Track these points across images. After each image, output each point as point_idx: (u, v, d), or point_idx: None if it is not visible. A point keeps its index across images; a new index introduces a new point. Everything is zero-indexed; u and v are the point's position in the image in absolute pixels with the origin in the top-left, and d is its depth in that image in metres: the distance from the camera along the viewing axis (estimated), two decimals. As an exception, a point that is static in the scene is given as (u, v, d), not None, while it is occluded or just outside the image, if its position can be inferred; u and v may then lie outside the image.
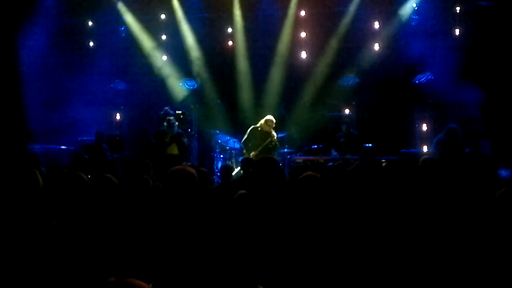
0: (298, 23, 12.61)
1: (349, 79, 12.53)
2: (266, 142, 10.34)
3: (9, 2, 11.18)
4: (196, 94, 13.11)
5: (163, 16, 12.91)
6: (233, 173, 9.72)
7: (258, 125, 10.55)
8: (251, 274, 3.43)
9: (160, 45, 12.99)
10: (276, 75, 12.72)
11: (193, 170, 4.07)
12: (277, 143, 10.55)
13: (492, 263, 3.12)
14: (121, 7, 12.77)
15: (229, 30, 12.89)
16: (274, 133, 10.47)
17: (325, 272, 3.36)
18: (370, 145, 11.10)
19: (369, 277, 3.33)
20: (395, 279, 3.27)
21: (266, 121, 10.44)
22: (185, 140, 10.83)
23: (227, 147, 11.75)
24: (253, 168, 5.49)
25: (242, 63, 12.88)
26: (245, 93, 12.88)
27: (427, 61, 11.80)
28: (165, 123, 10.88)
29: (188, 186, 3.93)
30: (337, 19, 12.41)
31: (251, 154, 10.24)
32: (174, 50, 12.95)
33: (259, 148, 10.30)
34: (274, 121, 10.50)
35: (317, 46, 12.61)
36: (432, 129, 11.58)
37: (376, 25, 12.24)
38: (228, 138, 11.82)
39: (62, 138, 12.13)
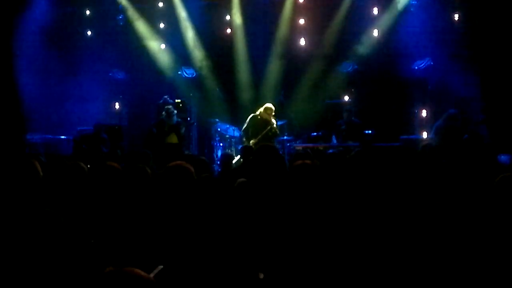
0: (297, 10, 12.54)
1: (348, 65, 12.49)
2: (266, 130, 10.34)
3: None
4: (195, 83, 13.07)
5: (160, 4, 12.84)
6: (233, 161, 9.73)
7: (257, 113, 10.55)
8: (251, 262, 3.44)
9: (159, 33, 12.93)
10: (275, 63, 12.67)
11: (190, 166, 4.07)
12: (277, 130, 10.54)
13: (493, 250, 3.13)
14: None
15: (228, 17, 12.82)
16: (273, 121, 10.46)
17: (325, 260, 3.37)
18: (370, 131, 11.09)
19: (369, 265, 3.34)
20: (395, 266, 3.28)
21: (265, 109, 10.43)
22: (182, 129, 10.81)
23: (227, 136, 11.75)
24: (253, 156, 5.49)
25: (241, 51, 12.82)
26: (244, 81, 12.84)
27: (427, 47, 11.75)
28: (163, 112, 10.86)
29: (185, 182, 3.93)
30: (336, 6, 12.34)
31: (251, 142, 10.25)
32: (172, 38, 12.89)
33: (259, 136, 10.31)
34: (273, 108, 10.49)
35: (316, 33, 12.56)
36: (432, 115, 11.56)
37: (375, 11, 12.18)
38: (228, 126, 11.82)
39: (62, 128, 12.12)
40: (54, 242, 2.83)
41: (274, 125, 10.44)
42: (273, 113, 10.49)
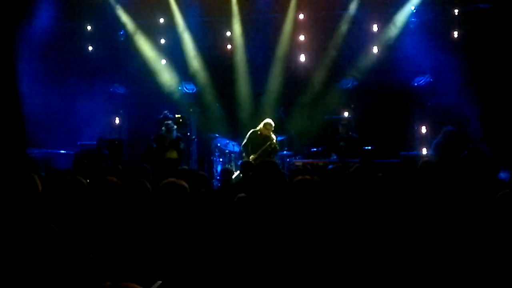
0: (297, 26, 12.61)
1: (348, 82, 12.53)
2: (266, 145, 10.36)
3: (7, 6, 11.19)
4: (195, 98, 13.10)
5: (162, 20, 12.91)
6: (233, 177, 9.72)
7: (257, 128, 10.58)
8: (251, 277, 3.43)
9: (159, 48, 12.99)
10: (275, 78, 12.71)
11: (184, 183, 4.08)
12: (277, 146, 10.57)
13: (492, 265, 3.12)
14: (120, 11, 12.76)
15: (228, 33, 12.89)
16: (273, 136, 10.48)
17: (324, 275, 3.35)
18: (369, 147, 11.10)
19: (368, 280, 3.32)
20: (395, 282, 3.26)
21: (265, 124, 10.47)
22: (182, 145, 10.80)
23: (227, 151, 11.76)
24: (253, 172, 5.47)
25: (241, 67, 12.87)
26: (244, 96, 12.87)
27: (426, 64, 11.80)
28: (163, 128, 10.87)
29: (180, 198, 3.93)
30: (336, 22, 12.41)
31: (250, 157, 10.26)
32: (173, 54, 12.95)
33: (259, 152, 10.32)
34: (273, 124, 10.52)
35: (316, 49, 12.61)
36: (431, 132, 11.58)
37: (375, 28, 12.24)
38: (228, 141, 11.83)
39: (62, 142, 12.12)
40: (52, 257, 2.81)
41: (274, 141, 10.46)
42: (273, 129, 10.52)
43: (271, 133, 10.48)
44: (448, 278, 3.14)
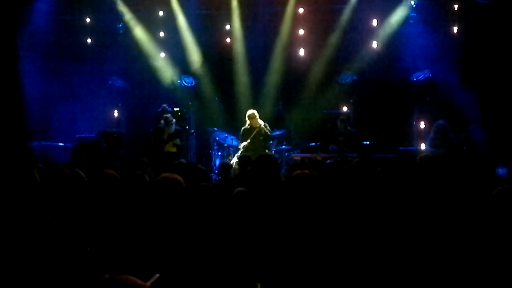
0: (296, 20, 12.59)
1: (347, 76, 12.52)
2: (255, 132, 10.39)
3: (7, 0, 11.16)
4: (194, 91, 13.09)
5: (161, 13, 12.88)
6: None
7: (246, 124, 10.64)
8: (249, 272, 3.44)
9: (158, 42, 12.96)
10: (274, 72, 12.70)
11: (179, 177, 4.08)
12: (268, 131, 10.50)
13: (489, 261, 3.13)
14: (119, 4, 12.73)
15: (227, 27, 12.87)
16: (260, 122, 10.49)
17: (322, 270, 3.36)
18: (368, 142, 11.10)
19: (367, 276, 3.33)
20: (392, 277, 3.27)
21: (248, 117, 10.61)
22: (177, 140, 10.78)
23: (225, 145, 11.76)
24: (251, 166, 5.48)
25: (240, 60, 12.86)
26: (243, 90, 12.86)
27: (425, 59, 11.80)
28: (162, 121, 10.85)
29: (176, 192, 3.94)
30: (336, 17, 12.39)
31: (242, 144, 10.36)
32: (172, 47, 12.92)
33: (248, 140, 10.39)
34: (255, 111, 10.59)
35: (315, 44, 12.60)
36: (430, 127, 11.58)
37: (374, 22, 12.23)
38: (226, 135, 11.82)
39: (60, 135, 12.11)
40: (50, 249, 2.82)
41: (262, 126, 10.45)
42: (257, 116, 10.53)
43: (258, 120, 10.50)
44: (445, 273, 3.15)
